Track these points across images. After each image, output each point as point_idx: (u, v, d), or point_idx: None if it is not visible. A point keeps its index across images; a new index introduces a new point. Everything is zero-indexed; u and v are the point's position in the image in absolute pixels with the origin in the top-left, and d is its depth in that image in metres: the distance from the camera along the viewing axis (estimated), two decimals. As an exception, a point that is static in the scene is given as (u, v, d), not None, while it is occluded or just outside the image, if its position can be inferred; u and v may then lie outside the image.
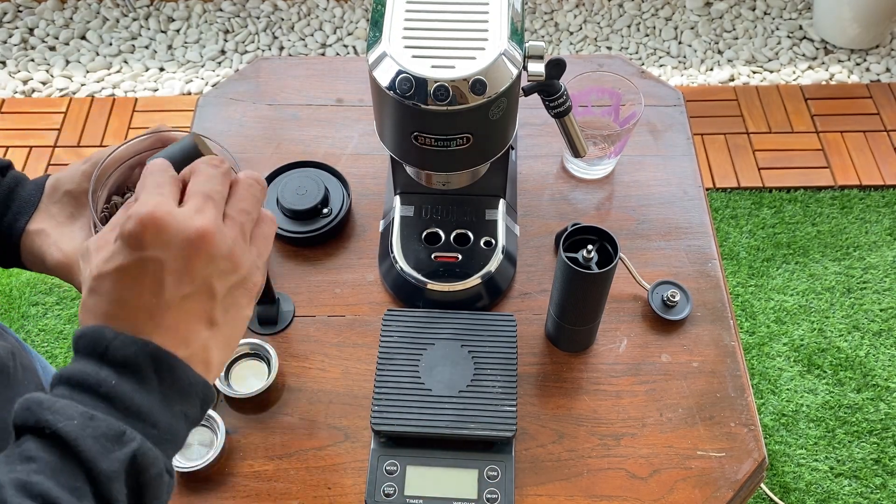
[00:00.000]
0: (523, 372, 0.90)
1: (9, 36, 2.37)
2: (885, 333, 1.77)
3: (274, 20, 2.41)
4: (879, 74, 2.26)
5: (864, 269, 1.86)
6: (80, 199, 0.64)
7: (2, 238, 0.63)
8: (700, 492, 0.82)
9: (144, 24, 2.40)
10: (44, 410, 0.41)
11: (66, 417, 0.41)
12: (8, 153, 2.09)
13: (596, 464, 0.84)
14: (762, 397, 1.69)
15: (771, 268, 1.87)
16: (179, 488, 0.83)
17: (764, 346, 1.76)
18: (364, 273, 0.97)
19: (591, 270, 0.79)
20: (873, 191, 2.01)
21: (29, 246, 0.63)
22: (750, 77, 2.27)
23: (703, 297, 0.95)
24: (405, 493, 0.79)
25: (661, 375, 0.89)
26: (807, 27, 2.36)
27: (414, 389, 0.82)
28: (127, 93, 2.25)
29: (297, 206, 0.98)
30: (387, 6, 0.75)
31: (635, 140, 1.08)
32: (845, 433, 1.64)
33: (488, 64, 0.71)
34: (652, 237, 1.00)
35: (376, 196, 1.04)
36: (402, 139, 0.77)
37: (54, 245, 0.62)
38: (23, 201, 0.64)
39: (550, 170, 1.07)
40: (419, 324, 0.87)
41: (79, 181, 0.64)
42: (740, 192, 2.00)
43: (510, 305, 0.95)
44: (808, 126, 2.13)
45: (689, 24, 2.38)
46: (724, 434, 0.85)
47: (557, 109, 0.84)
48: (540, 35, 2.37)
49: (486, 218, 0.96)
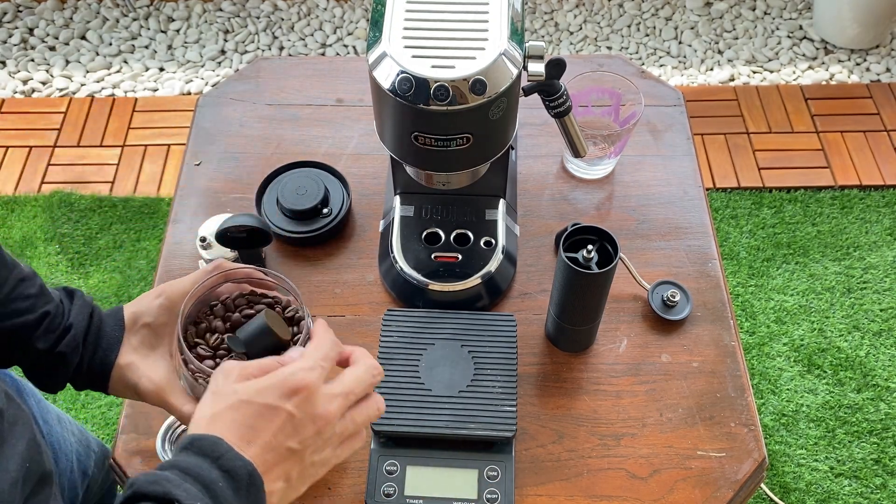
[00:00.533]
0: (523, 372, 0.90)
1: (9, 36, 2.37)
2: (885, 333, 1.77)
3: (274, 20, 2.41)
4: (879, 74, 2.26)
5: (864, 269, 1.86)
6: (157, 331, 0.71)
7: (94, 373, 0.70)
8: (700, 492, 0.82)
9: (144, 24, 2.40)
10: (173, 487, 0.51)
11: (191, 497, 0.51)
12: (8, 153, 2.09)
13: (596, 464, 0.84)
14: (762, 397, 1.69)
15: (771, 268, 1.87)
16: (179, 488, 0.83)
17: (764, 346, 1.76)
18: (364, 273, 0.97)
19: (591, 270, 0.79)
20: (873, 191, 2.01)
21: (119, 378, 0.70)
22: (750, 77, 2.27)
23: (703, 297, 0.95)
24: (405, 493, 0.79)
25: (661, 375, 0.89)
26: (807, 27, 2.36)
27: (414, 389, 0.82)
28: (127, 93, 2.24)
29: (297, 206, 0.98)
30: (387, 6, 0.75)
31: (635, 140, 1.08)
32: (845, 433, 1.64)
33: (488, 64, 0.71)
34: (652, 237, 1.00)
35: (376, 196, 1.04)
36: (402, 139, 0.77)
37: (145, 376, 0.69)
38: (109, 338, 0.70)
39: (550, 170, 1.07)
40: (419, 324, 0.87)
41: (156, 314, 0.71)
42: (740, 192, 2.00)
43: (510, 305, 0.95)
44: (808, 126, 2.13)
45: (689, 24, 2.38)
46: (724, 434, 0.85)
47: (557, 109, 0.84)
48: (540, 35, 2.37)
49: (486, 218, 0.96)
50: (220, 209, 1.03)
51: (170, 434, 0.84)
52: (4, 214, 1.97)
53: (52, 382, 0.71)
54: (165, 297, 0.72)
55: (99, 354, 0.70)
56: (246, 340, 0.68)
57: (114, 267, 1.87)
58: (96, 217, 1.96)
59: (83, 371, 0.70)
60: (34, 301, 0.68)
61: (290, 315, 0.73)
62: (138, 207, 1.97)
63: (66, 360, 0.69)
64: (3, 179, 2.04)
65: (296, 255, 0.99)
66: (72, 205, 1.98)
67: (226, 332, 0.71)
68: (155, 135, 2.13)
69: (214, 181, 1.06)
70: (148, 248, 1.91)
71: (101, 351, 0.70)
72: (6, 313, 0.66)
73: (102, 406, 1.68)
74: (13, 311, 0.66)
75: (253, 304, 0.73)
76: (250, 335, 0.68)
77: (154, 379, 0.69)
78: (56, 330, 0.68)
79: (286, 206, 0.98)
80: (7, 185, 2.03)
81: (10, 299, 0.66)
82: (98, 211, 1.97)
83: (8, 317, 0.66)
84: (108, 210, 1.97)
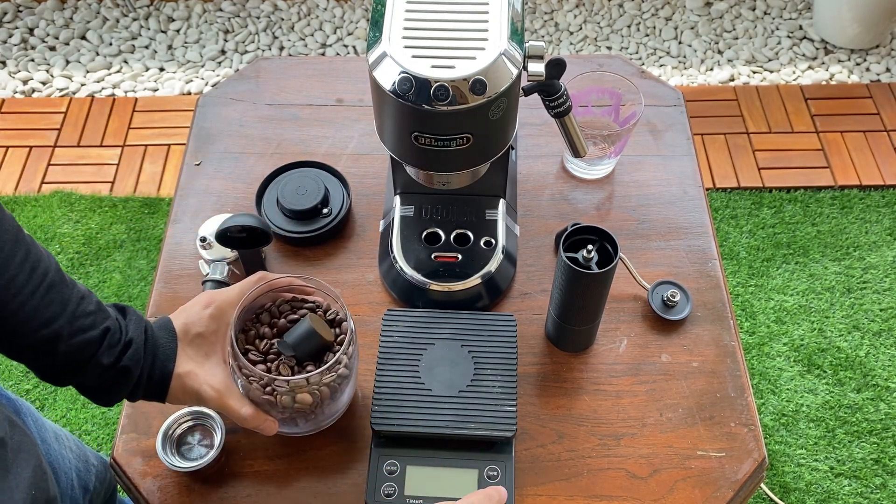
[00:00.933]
0: (523, 372, 0.90)
1: (9, 36, 2.37)
2: (885, 333, 1.77)
3: (274, 20, 2.41)
4: (879, 74, 2.26)
5: (864, 269, 1.86)
6: (209, 339, 0.76)
7: (153, 384, 0.73)
8: (700, 492, 0.82)
9: (144, 24, 2.40)
10: None
11: None
12: (8, 153, 2.09)
13: (596, 464, 0.84)
14: (762, 397, 1.69)
15: (771, 268, 1.87)
16: (179, 488, 0.83)
17: (764, 346, 1.76)
18: (364, 273, 0.97)
19: (591, 270, 0.79)
20: (873, 191, 2.01)
21: (179, 387, 0.74)
22: (750, 77, 2.27)
23: (703, 297, 0.95)
24: (405, 493, 0.79)
25: (661, 375, 0.89)
26: (807, 27, 2.36)
27: (414, 389, 0.82)
28: (127, 93, 2.24)
29: (297, 206, 0.98)
30: (387, 6, 0.75)
31: (635, 140, 1.08)
32: (845, 433, 1.64)
33: (488, 64, 0.71)
34: (652, 237, 1.00)
35: (376, 196, 1.04)
36: (402, 139, 0.77)
37: (206, 383, 0.74)
38: (165, 349, 0.74)
39: (550, 170, 1.07)
40: (419, 324, 0.87)
41: (207, 324, 0.76)
42: (740, 192, 2.00)
43: (510, 305, 0.95)
44: (808, 126, 2.13)
45: (689, 24, 2.38)
46: (724, 434, 0.85)
47: (557, 109, 0.84)
48: (540, 35, 2.37)
49: (486, 218, 0.96)
50: (220, 209, 1.03)
51: (170, 434, 0.84)
52: (4, 214, 1.97)
53: (112, 397, 0.73)
54: (215, 308, 0.76)
55: (157, 366, 0.73)
56: (294, 344, 0.75)
57: (114, 267, 1.87)
58: (96, 217, 1.96)
59: (142, 383, 0.73)
60: (94, 318, 0.70)
61: (332, 318, 0.79)
62: (138, 207, 1.97)
63: (130, 374, 0.71)
64: (3, 179, 2.04)
65: (296, 255, 0.99)
66: (72, 205, 1.98)
67: (273, 338, 0.77)
68: (155, 135, 2.13)
69: (214, 181, 1.06)
70: (148, 248, 1.91)
71: (160, 362, 0.73)
72: (72, 331, 0.68)
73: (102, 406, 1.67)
74: (78, 329, 0.68)
75: (296, 310, 0.79)
76: (297, 339, 0.75)
77: (214, 385, 0.74)
78: (117, 345, 0.71)
79: (286, 206, 0.98)
80: (7, 185, 2.03)
81: (75, 317, 0.68)
82: (98, 211, 1.97)
83: (74, 335, 0.68)
84: (108, 210, 1.97)
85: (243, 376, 0.74)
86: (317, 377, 0.73)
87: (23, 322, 0.65)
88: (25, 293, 0.65)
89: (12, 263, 0.64)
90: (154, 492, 0.83)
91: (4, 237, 0.65)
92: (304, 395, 0.74)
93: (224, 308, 0.76)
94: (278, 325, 0.78)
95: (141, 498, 0.83)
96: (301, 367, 0.76)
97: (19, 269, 0.65)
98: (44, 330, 0.66)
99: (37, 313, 0.66)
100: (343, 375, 0.76)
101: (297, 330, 0.76)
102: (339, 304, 0.78)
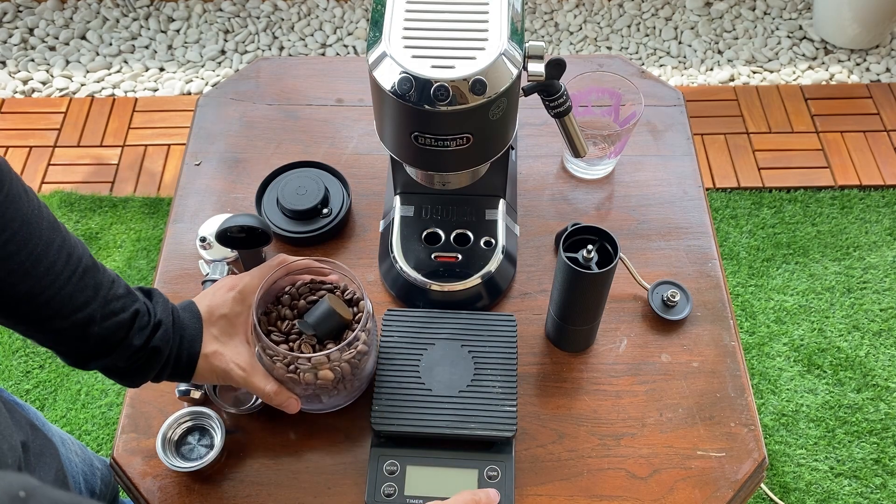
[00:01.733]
0: (523, 372, 0.90)
1: (9, 36, 2.37)
2: (885, 333, 1.77)
3: (274, 20, 2.41)
4: (879, 74, 2.26)
5: (864, 269, 1.86)
6: (232, 321, 0.79)
7: (181, 364, 0.76)
8: (700, 492, 0.82)
9: (144, 24, 2.40)
10: None
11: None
12: (8, 153, 2.09)
13: (596, 464, 0.84)
14: (762, 397, 1.69)
15: (771, 268, 1.87)
16: (179, 488, 0.83)
17: (764, 346, 1.76)
18: (364, 273, 0.97)
19: (591, 270, 0.79)
20: (873, 191, 2.01)
21: (206, 366, 0.77)
22: (750, 77, 2.27)
23: (703, 297, 0.95)
24: (405, 493, 0.79)
25: (661, 375, 0.89)
26: (807, 27, 2.36)
27: (414, 389, 0.82)
28: (127, 93, 2.24)
29: (297, 206, 0.98)
30: (387, 6, 0.75)
31: (635, 140, 1.08)
32: (845, 433, 1.64)
33: (488, 64, 0.71)
34: (652, 237, 1.00)
35: (376, 196, 1.04)
36: (402, 139, 0.77)
37: (233, 362, 0.77)
38: (192, 330, 0.77)
39: (550, 170, 1.07)
40: (419, 324, 0.87)
41: (231, 306, 0.79)
42: (740, 192, 2.00)
43: (510, 305, 0.95)
44: (808, 126, 2.13)
45: (689, 24, 2.38)
46: (724, 434, 0.85)
47: (557, 109, 0.84)
48: (540, 35, 2.37)
49: (486, 218, 0.96)
50: (220, 209, 1.03)
51: (170, 434, 0.84)
52: (4, 214, 1.97)
53: (141, 378, 0.75)
54: (238, 291, 0.80)
55: (185, 347, 0.76)
56: (314, 324, 0.78)
57: (114, 267, 1.87)
58: (96, 217, 1.96)
59: (170, 363, 0.75)
60: (125, 301, 0.72)
61: (350, 297, 0.82)
62: (138, 207, 1.97)
63: (160, 354, 0.74)
64: (3, 179, 2.04)
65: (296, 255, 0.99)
66: (72, 205, 1.98)
67: (294, 319, 0.81)
68: (155, 135, 2.13)
69: (214, 181, 1.06)
70: (148, 248, 1.91)
71: (187, 343, 0.76)
72: (105, 314, 0.70)
73: (103, 406, 1.68)
74: (111, 312, 0.71)
75: (315, 291, 0.83)
76: (318, 319, 0.78)
77: (241, 364, 0.77)
78: (146, 326, 0.73)
79: (286, 206, 0.98)
80: (7, 185, 2.03)
81: (107, 300, 0.70)
82: (98, 211, 1.97)
83: (106, 318, 0.70)
84: (108, 210, 1.97)
85: (267, 356, 0.77)
86: (337, 354, 0.76)
87: (59, 307, 0.67)
88: (62, 279, 0.67)
89: (51, 250, 0.66)
90: (154, 492, 0.83)
91: (42, 225, 0.66)
92: (325, 372, 0.77)
93: (247, 292, 0.80)
94: (299, 306, 0.81)
95: (141, 498, 0.83)
96: (322, 345, 0.79)
97: (57, 257, 0.67)
98: (78, 314, 0.68)
99: (72, 298, 0.68)
100: (362, 352, 0.79)
101: (316, 310, 0.79)
102: (355, 285, 0.81)
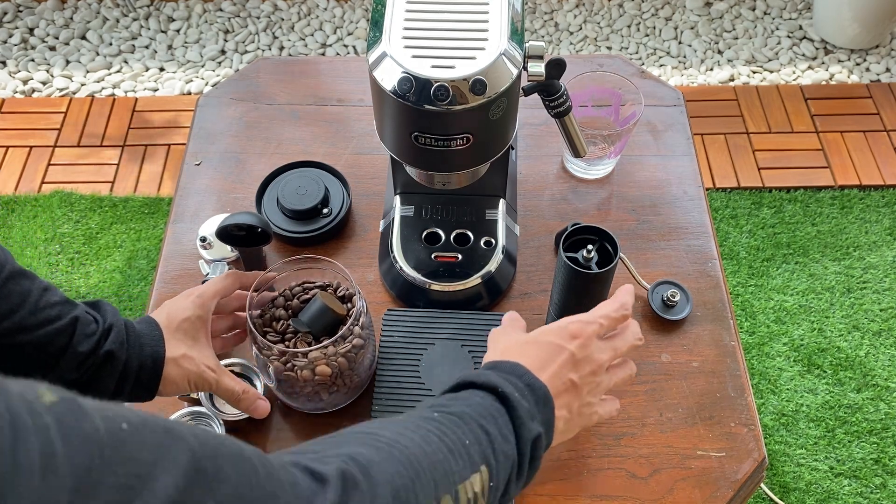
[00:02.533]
0: (523, 372, 0.90)
1: (9, 36, 2.37)
2: (885, 333, 1.77)
3: (274, 20, 2.41)
4: (879, 74, 2.26)
5: (864, 269, 1.86)
6: (195, 324, 0.77)
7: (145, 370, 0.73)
8: (700, 492, 0.82)
9: (144, 24, 2.40)
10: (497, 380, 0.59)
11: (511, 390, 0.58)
12: (8, 153, 2.09)
13: (596, 464, 0.84)
14: (762, 397, 1.69)
15: (771, 268, 1.87)
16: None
17: (764, 346, 1.76)
18: (364, 273, 0.97)
19: (591, 270, 0.79)
20: (873, 191, 2.01)
21: (178, 371, 0.74)
22: (750, 77, 2.27)
23: (703, 297, 0.95)
24: (405, 492, 0.79)
25: (661, 375, 0.89)
26: (807, 27, 2.36)
27: (414, 389, 0.82)
28: (127, 93, 2.25)
29: (297, 206, 0.98)
30: (387, 6, 0.75)
31: (635, 140, 1.08)
32: (845, 433, 1.64)
33: (488, 64, 0.71)
34: (652, 237, 1.00)
35: (376, 196, 1.04)
36: (402, 139, 0.77)
37: (204, 364, 0.75)
38: (151, 336, 0.74)
39: (550, 170, 1.07)
40: (419, 324, 0.87)
41: (192, 309, 0.77)
42: (740, 192, 2.00)
43: (510, 305, 0.95)
44: (808, 126, 2.13)
45: (689, 24, 2.38)
46: (724, 434, 0.85)
47: (557, 109, 0.84)
48: (540, 35, 2.37)
49: (486, 218, 0.96)
50: (220, 209, 1.03)
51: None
52: (4, 214, 1.97)
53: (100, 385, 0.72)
54: (197, 296, 0.78)
55: (147, 352, 0.73)
56: (308, 322, 0.79)
57: (114, 267, 1.87)
58: (96, 217, 1.96)
59: (132, 370, 0.72)
60: (61, 308, 0.70)
61: (342, 294, 0.83)
62: (138, 207, 1.97)
63: (114, 359, 0.71)
64: (3, 179, 2.04)
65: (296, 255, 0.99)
66: (72, 205, 1.98)
67: (289, 318, 0.81)
68: (155, 135, 2.13)
69: (214, 181, 1.06)
70: (148, 248, 1.91)
71: (149, 348, 0.73)
72: (38, 322, 0.67)
73: (102, 406, 1.68)
74: (45, 320, 0.68)
75: (308, 290, 0.83)
76: (312, 316, 0.79)
77: (211, 366, 0.76)
78: (94, 333, 0.70)
79: (286, 206, 0.98)
80: (7, 185, 2.03)
81: (39, 308, 0.68)
82: (98, 211, 1.97)
83: (41, 325, 0.68)
84: (108, 210, 1.97)
85: (264, 356, 0.77)
86: (332, 348, 0.76)
87: None
88: None
89: None
90: (154, 492, 0.82)
91: None
92: (322, 367, 0.77)
93: (206, 297, 0.78)
94: (292, 306, 0.82)
95: (141, 498, 0.83)
96: (318, 342, 0.79)
97: None
98: (5, 322, 0.65)
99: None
100: (358, 346, 0.79)
101: (310, 308, 0.79)
102: (348, 282, 0.81)
